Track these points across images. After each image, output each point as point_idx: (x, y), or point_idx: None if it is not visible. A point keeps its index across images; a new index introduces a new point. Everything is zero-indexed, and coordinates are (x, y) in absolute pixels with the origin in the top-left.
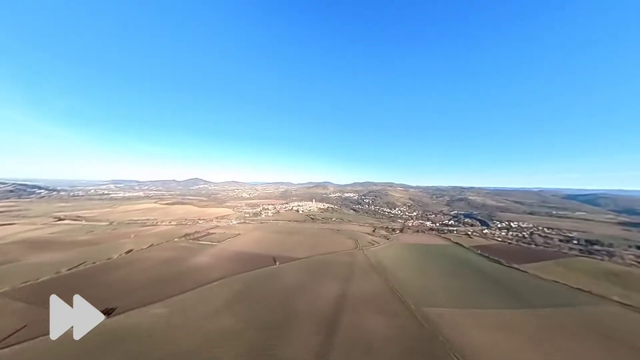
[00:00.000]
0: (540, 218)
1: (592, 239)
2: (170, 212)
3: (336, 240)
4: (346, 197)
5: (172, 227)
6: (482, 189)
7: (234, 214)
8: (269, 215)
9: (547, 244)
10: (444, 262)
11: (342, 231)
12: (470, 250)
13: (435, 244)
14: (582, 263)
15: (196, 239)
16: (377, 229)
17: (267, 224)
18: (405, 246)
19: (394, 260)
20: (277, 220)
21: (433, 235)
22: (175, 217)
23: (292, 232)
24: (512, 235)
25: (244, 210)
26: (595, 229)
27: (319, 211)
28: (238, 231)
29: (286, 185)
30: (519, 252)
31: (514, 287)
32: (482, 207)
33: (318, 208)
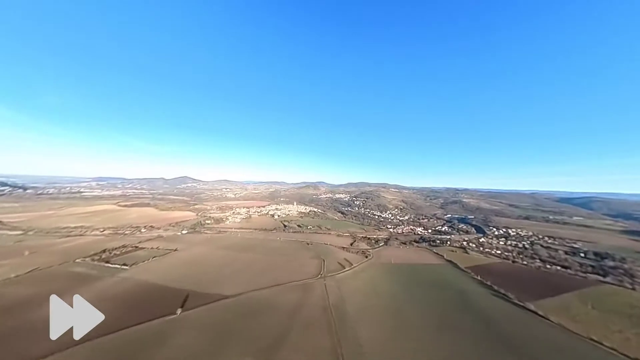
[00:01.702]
0: (538, 224)
1: (601, 252)
2: (120, 217)
3: (297, 261)
4: (337, 198)
5: (100, 237)
6: (476, 190)
7: (195, 219)
8: (236, 222)
9: (553, 258)
10: (433, 299)
11: (312, 245)
12: (467, 275)
13: (424, 263)
14: (611, 296)
15: (107, 260)
16: (357, 241)
17: (223, 235)
18: (385, 269)
19: (363, 298)
20: (241, 228)
21: (423, 249)
22: (120, 223)
23: (245, 248)
24: (511, 246)
25: (209, 215)
26: (599, 239)
27: (298, 216)
28: (178, 245)
29: (279, 185)
30: (526, 276)
31: (538, 356)
32: (476, 211)
33: (298, 212)
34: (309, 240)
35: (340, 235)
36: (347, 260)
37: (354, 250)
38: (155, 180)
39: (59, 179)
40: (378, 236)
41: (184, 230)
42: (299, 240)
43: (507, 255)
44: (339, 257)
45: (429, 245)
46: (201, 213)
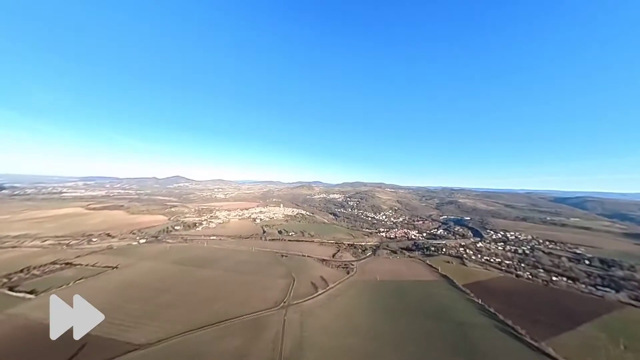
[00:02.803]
0: (536, 226)
1: (607, 259)
2: (79, 222)
3: (260, 282)
4: (331, 198)
5: (36, 250)
6: (472, 190)
7: (165, 224)
8: (210, 228)
9: (557, 267)
10: (424, 337)
11: (287, 257)
12: (466, 296)
13: (415, 280)
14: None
15: (14, 285)
16: (341, 250)
17: (186, 245)
18: (368, 290)
19: (330, 340)
20: (212, 235)
21: (415, 260)
22: (74, 230)
23: (204, 263)
24: (511, 252)
25: (182, 220)
26: (601, 243)
27: (284, 219)
28: (123, 260)
29: (274, 185)
30: (535, 297)
31: None
32: (472, 212)
33: (284, 215)
34: (285, 250)
35: (324, 243)
36: (324, 278)
37: (335, 264)
38: (147, 179)
39: (46, 179)
40: (367, 243)
41: (143, 238)
42: (274, 250)
43: (508, 264)
44: (314, 275)
45: (422, 254)
46: (174, 217)
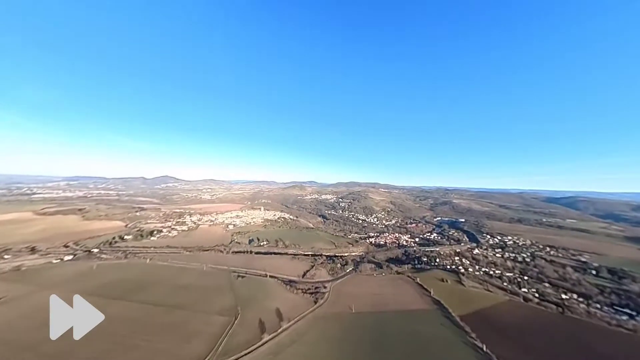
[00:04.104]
0: (533, 229)
1: (615, 269)
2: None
3: (189, 323)
4: (322, 199)
5: None
6: (466, 190)
7: (115, 233)
8: (169, 236)
9: (564, 280)
10: None
11: (246, 276)
12: (466, 340)
13: (401, 310)
14: None
15: None
16: (317, 266)
17: (122, 262)
18: (337, 331)
19: None
20: (167, 246)
21: (403, 279)
22: (2, 241)
23: (129, 291)
24: (510, 260)
25: (142, 226)
26: (604, 248)
27: (262, 224)
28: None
29: (268, 184)
30: (553, 336)
31: None
32: (467, 213)
33: (264, 220)
34: (246, 267)
35: (297, 256)
36: (280, 312)
37: (304, 287)
38: (134, 179)
39: (29, 178)
40: (350, 254)
41: (72, 254)
42: (232, 268)
43: (510, 277)
44: (269, 307)
45: (412, 268)
46: (134, 223)
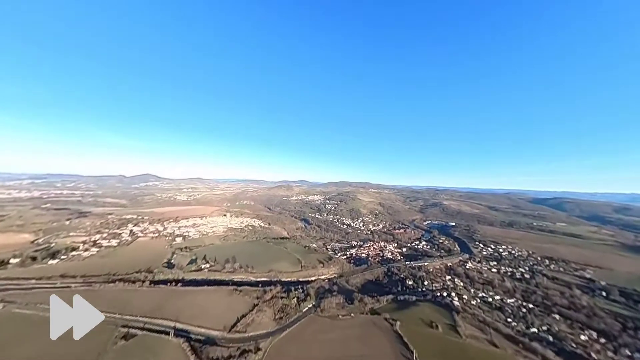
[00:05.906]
0: (526, 235)
1: (628, 290)
2: None
3: None
4: (309, 200)
5: None
6: (456, 190)
7: (17, 250)
8: (82, 256)
9: (574, 308)
10: None
11: (137, 336)
12: None
13: None
14: None
15: None
16: (262, 303)
17: None
18: None
19: None
20: (63, 275)
21: (378, 324)
22: None
23: None
24: (508, 277)
25: (55, 240)
26: (606, 260)
27: (223, 234)
28: None
29: (257, 183)
30: None
31: None
32: (457, 215)
33: (227, 228)
34: (152, 313)
35: (242, 286)
36: None
37: (221, 354)
38: (112, 178)
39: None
40: (318, 277)
41: None
42: (127, 315)
43: (513, 307)
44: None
45: (393, 300)
46: (48, 237)
